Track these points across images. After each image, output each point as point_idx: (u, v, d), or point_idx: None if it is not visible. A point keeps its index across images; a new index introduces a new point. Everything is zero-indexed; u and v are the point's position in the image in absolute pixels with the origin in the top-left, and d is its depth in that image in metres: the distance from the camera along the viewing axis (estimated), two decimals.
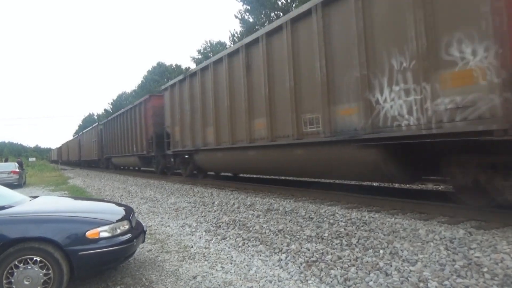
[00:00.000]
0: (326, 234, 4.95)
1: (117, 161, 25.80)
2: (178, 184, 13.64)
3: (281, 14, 25.54)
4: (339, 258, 4.12)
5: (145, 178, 17.95)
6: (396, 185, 9.56)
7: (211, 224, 6.43)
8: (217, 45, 41.94)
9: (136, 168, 24.80)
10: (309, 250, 4.46)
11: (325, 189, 8.51)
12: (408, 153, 6.08)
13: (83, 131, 40.23)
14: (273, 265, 4.24)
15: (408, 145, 5.75)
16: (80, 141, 39.84)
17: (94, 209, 4.50)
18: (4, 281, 3.37)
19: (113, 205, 5.17)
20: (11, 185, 12.53)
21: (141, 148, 18.67)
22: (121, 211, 4.42)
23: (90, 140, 33.65)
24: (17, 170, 18.61)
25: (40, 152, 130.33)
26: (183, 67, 51.52)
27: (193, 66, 40.18)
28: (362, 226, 5.25)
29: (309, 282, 3.69)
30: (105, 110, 70.75)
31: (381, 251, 4.15)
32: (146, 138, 17.74)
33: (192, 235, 5.88)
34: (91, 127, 34.47)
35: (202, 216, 7.12)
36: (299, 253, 4.43)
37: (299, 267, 4.06)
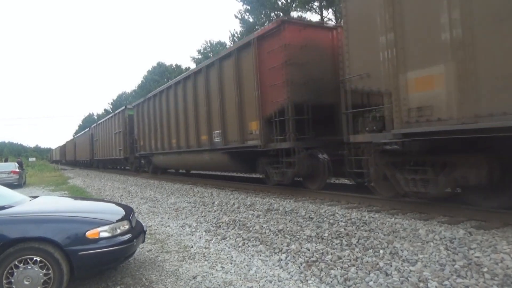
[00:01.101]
0: (326, 234, 4.95)
1: (164, 161, 16.08)
2: (178, 184, 13.63)
3: (281, 14, 25.57)
4: (339, 258, 4.12)
5: (145, 178, 17.93)
6: None
7: (211, 224, 6.43)
8: (217, 45, 41.97)
9: (196, 172, 16.60)
10: (309, 250, 4.46)
11: (325, 189, 8.50)
12: None
13: (97, 122, 30.32)
14: (273, 265, 4.24)
15: None
16: (93, 136, 30.84)
17: (94, 209, 4.50)
18: (4, 281, 3.37)
19: (113, 205, 5.16)
20: (11, 185, 12.54)
21: (239, 137, 9.70)
22: (121, 211, 4.42)
23: (109, 133, 24.84)
24: (17, 170, 18.60)
25: (40, 152, 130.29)
26: (183, 67, 51.57)
27: (193, 66, 39.93)
28: (362, 226, 5.25)
29: (309, 282, 3.69)
30: (105, 110, 70.79)
31: (381, 251, 4.15)
32: (260, 115, 8.87)
33: (192, 235, 5.88)
34: (112, 114, 24.75)
35: (202, 216, 7.12)
36: (299, 253, 4.43)
37: (299, 267, 4.06)
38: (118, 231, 3.88)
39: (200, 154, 12.33)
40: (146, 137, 17.61)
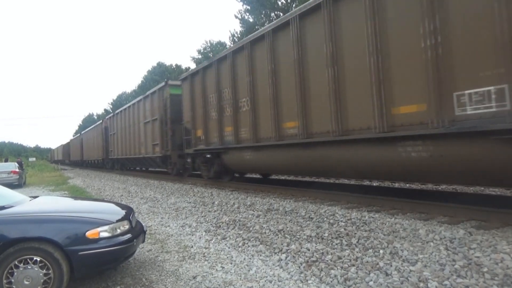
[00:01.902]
0: (326, 234, 4.95)
1: (254, 161, 9.68)
2: (178, 184, 13.62)
3: (281, 14, 25.60)
4: (339, 258, 4.12)
5: (145, 178, 17.92)
6: (396, 185, 9.56)
7: (211, 224, 6.43)
8: (217, 45, 41.94)
9: None
10: (309, 250, 4.46)
11: (325, 189, 8.51)
12: None
13: (115, 112, 23.40)
14: (273, 265, 4.24)
15: None
16: (107, 129, 25.26)
17: (94, 209, 4.50)
18: (4, 281, 3.37)
19: (113, 205, 5.16)
20: (11, 185, 12.55)
21: None
22: (121, 211, 4.42)
23: (134, 123, 18.74)
24: (17, 170, 18.61)
25: (40, 152, 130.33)
26: (183, 67, 51.61)
27: (193, 66, 39.89)
28: (362, 226, 5.25)
29: (309, 282, 3.69)
30: (105, 110, 70.86)
31: (381, 251, 4.15)
32: None
33: (192, 235, 5.88)
34: (141, 96, 17.89)
35: (202, 216, 7.12)
36: (299, 253, 4.43)
37: (299, 267, 4.06)
38: (118, 231, 3.88)
39: (388, 148, 5.98)
40: (212, 124, 11.15)
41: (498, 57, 4.42)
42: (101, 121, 28.29)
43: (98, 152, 27.78)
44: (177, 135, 14.05)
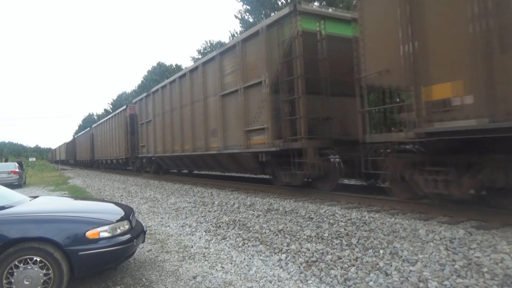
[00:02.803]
0: (326, 234, 4.95)
1: None
2: (178, 184, 13.62)
3: None
4: (339, 258, 4.12)
5: (145, 178, 17.92)
6: None
7: (211, 224, 6.43)
8: (217, 45, 41.94)
9: None
10: (309, 250, 4.46)
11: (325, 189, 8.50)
12: None
13: (151, 91, 16.39)
14: (273, 265, 4.24)
15: None
16: (134, 117, 19.11)
17: (94, 209, 4.49)
18: (4, 281, 3.37)
19: (113, 205, 5.16)
20: (11, 185, 12.55)
21: None
22: (121, 211, 4.42)
23: (190, 101, 12.24)
24: (17, 170, 18.61)
25: (40, 152, 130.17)
26: (183, 67, 51.65)
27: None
28: (362, 226, 5.25)
29: (309, 282, 3.69)
30: (105, 110, 70.83)
31: (381, 251, 4.15)
32: None
33: (192, 235, 5.88)
34: (215, 52, 10.73)
35: (202, 216, 7.12)
36: (299, 253, 4.43)
37: (299, 267, 4.06)
38: (118, 231, 3.88)
39: None
40: None
41: None
42: (124, 106, 21.15)
43: (120, 149, 21.00)
44: (308, 111, 7.93)
